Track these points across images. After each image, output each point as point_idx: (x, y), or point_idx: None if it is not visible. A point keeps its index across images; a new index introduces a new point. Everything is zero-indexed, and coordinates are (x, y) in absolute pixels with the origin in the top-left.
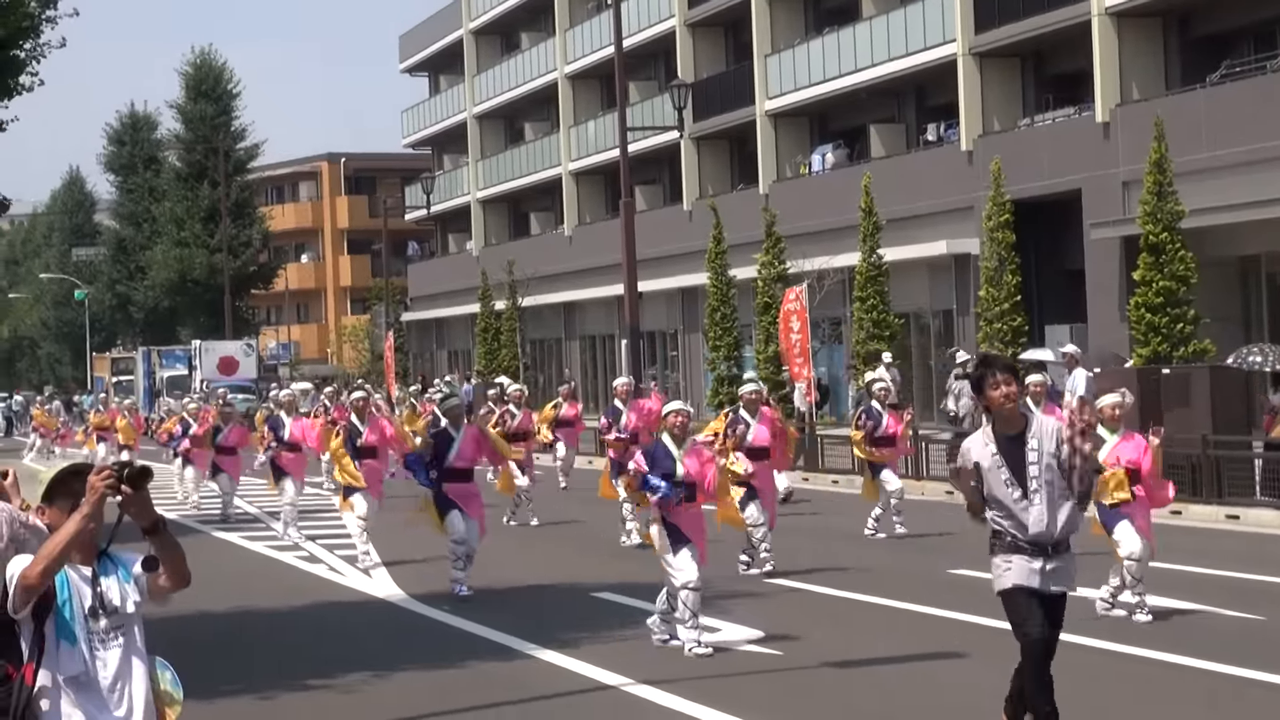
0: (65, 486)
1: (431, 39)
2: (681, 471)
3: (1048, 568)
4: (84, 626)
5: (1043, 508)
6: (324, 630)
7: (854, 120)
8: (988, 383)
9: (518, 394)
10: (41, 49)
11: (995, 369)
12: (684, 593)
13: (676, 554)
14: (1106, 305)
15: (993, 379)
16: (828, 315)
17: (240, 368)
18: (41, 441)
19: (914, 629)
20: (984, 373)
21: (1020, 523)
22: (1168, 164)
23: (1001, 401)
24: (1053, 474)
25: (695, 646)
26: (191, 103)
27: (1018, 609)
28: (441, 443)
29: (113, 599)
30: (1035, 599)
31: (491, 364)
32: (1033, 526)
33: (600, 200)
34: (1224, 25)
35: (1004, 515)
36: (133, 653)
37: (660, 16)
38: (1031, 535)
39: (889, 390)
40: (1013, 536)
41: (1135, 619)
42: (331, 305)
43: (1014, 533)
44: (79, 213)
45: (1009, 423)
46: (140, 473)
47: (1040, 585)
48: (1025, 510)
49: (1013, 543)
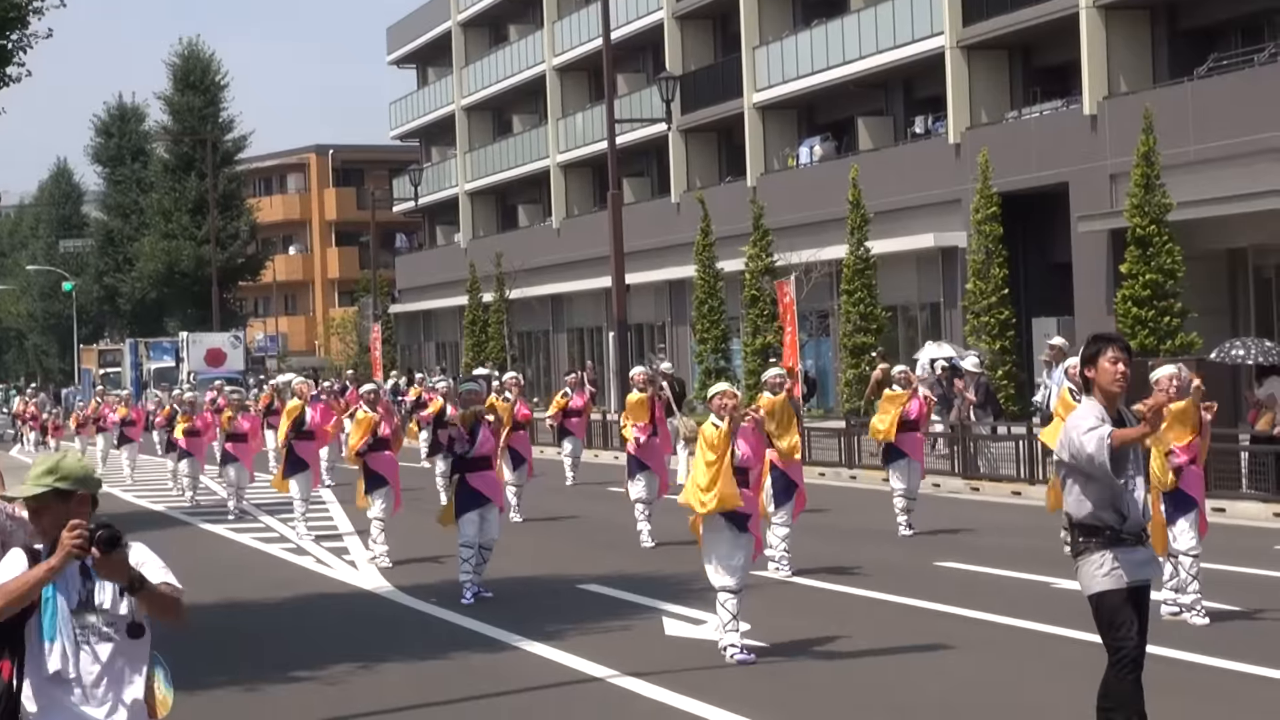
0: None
1: (420, 31)
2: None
3: (1145, 557)
4: (69, 623)
5: (1141, 494)
6: (310, 622)
7: (842, 113)
8: (1105, 356)
9: (514, 382)
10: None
11: (1117, 344)
12: (721, 594)
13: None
14: (1094, 298)
15: (1112, 353)
16: (815, 308)
17: (228, 359)
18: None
19: (900, 621)
20: (1100, 347)
21: (1120, 511)
22: (1155, 157)
23: (1116, 378)
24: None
25: (737, 652)
26: (179, 94)
27: (1116, 614)
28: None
29: (104, 598)
30: (1130, 599)
31: (479, 356)
32: (1133, 513)
33: (588, 192)
34: (1211, 18)
35: (1104, 503)
36: (125, 652)
37: (648, 9)
38: (1131, 523)
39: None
40: (1111, 530)
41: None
42: (319, 297)
43: (1112, 525)
44: (66, 204)
45: (1114, 403)
46: (110, 539)
47: (1148, 576)
48: (1126, 499)
49: (1112, 535)
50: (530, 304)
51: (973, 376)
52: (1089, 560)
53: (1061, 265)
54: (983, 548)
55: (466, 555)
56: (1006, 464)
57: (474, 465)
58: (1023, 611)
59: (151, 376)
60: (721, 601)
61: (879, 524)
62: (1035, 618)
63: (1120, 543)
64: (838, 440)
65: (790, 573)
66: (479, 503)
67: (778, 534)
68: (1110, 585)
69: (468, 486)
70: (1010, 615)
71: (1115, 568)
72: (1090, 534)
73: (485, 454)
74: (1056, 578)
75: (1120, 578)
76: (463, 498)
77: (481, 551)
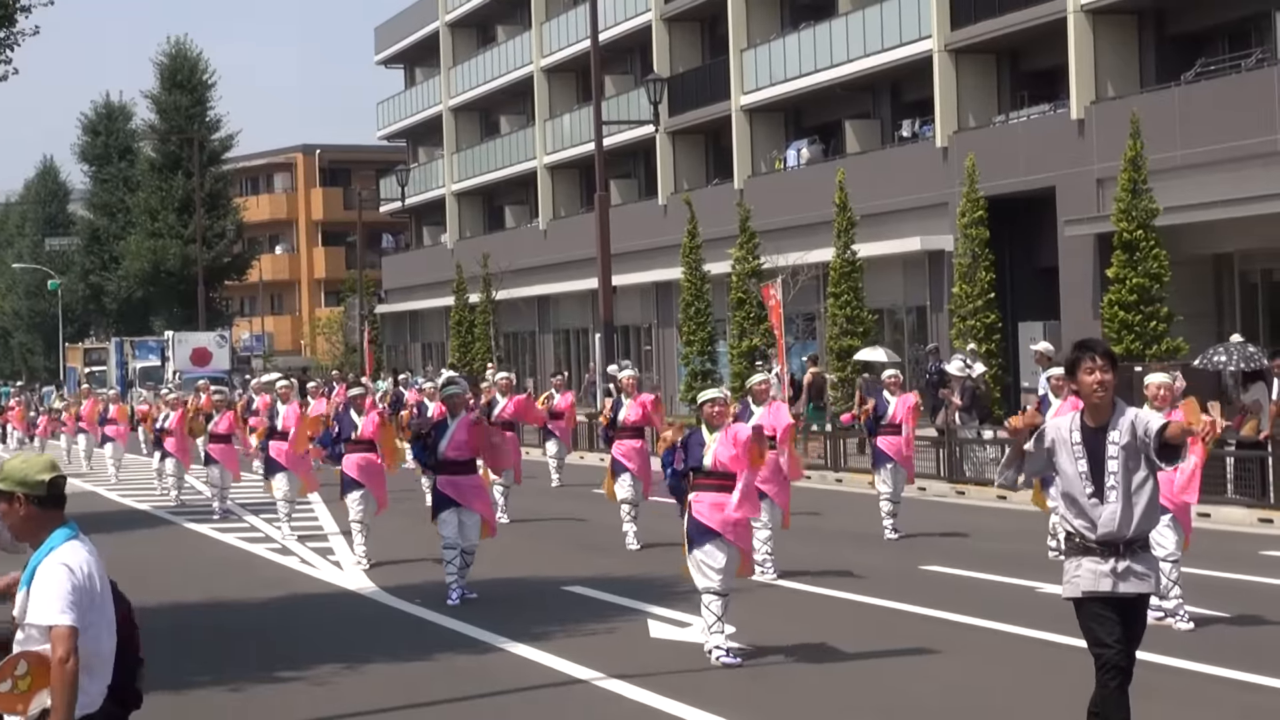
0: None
1: (407, 31)
2: (710, 461)
3: (1119, 567)
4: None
5: (1117, 505)
6: (295, 622)
7: (829, 116)
8: (1082, 366)
9: (504, 382)
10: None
11: (1094, 353)
12: (705, 596)
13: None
14: (1080, 302)
15: (1089, 363)
16: (802, 311)
17: (213, 359)
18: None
19: (885, 625)
20: (1079, 356)
21: (1090, 521)
22: (1142, 161)
23: (1093, 388)
24: (1132, 466)
25: (722, 654)
26: (166, 93)
27: (1088, 619)
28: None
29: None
30: (1109, 607)
31: (465, 357)
32: (1103, 525)
33: (575, 194)
34: (1198, 24)
35: (1074, 513)
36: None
37: (636, 10)
38: (1101, 534)
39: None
40: (1081, 537)
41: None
42: (305, 297)
43: (1083, 532)
44: (53, 203)
45: (1097, 413)
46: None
47: (1111, 588)
48: (1095, 508)
49: (1081, 544)
50: (517, 305)
51: (958, 380)
52: (1065, 566)
53: (1048, 269)
54: (968, 552)
55: (449, 556)
56: (992, 468)
57: (447, 468)
58: (1007, 616)
59: (137, 375)
60: (706, 604)
61: (864, 527)
62: (1019, 622)
63: (1088, 552)
64: (823, 443)
65: (775, 575)
66: (452, 504)
67: (759, 536)
68: (1069, 593)
69: (439, 489)
70: (995, 619)
71: (1075, 577)
72: (1068, 540)
73: (460, 457)
74: (1041, 582)
75: (1076, 586)
76: (438, 499)
77: (463, 555)
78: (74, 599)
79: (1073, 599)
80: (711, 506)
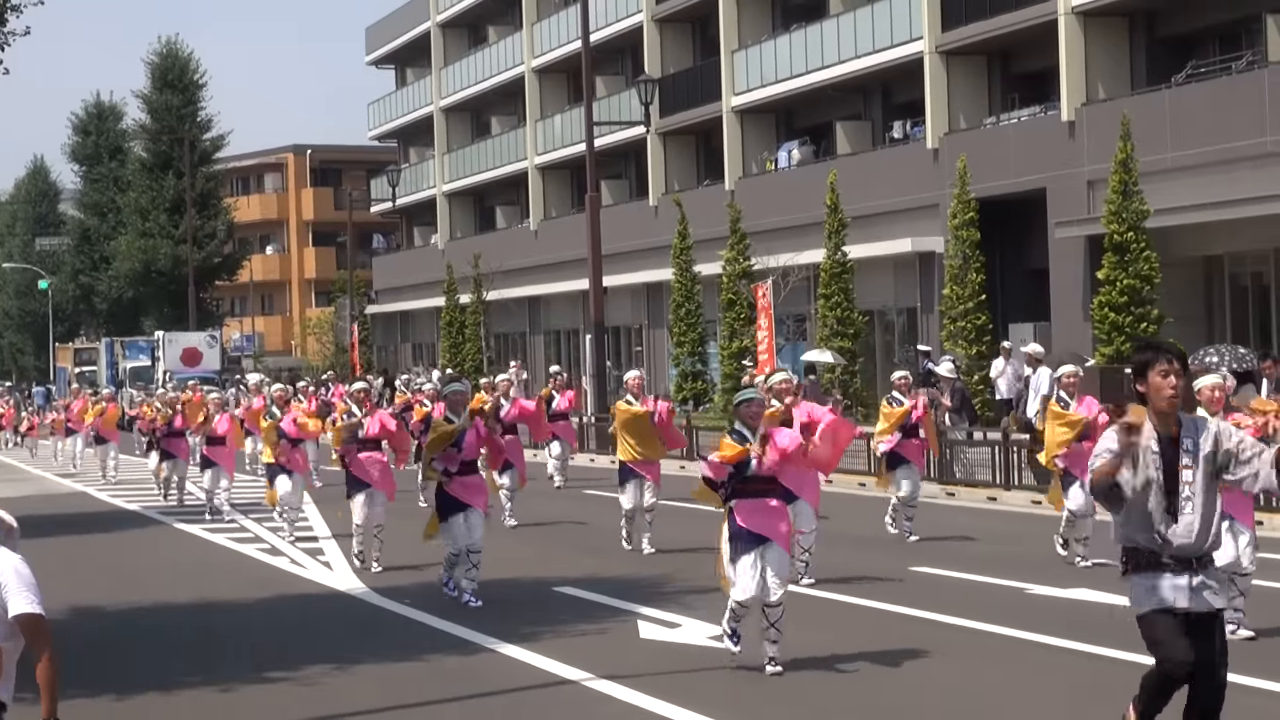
0: None
1: (398, 31)
2: (754, 465)
3: (1194, 583)
4: None
5: (1194, 518)
6: (284, 623)
7: (820, 117)
8: (1156, 369)
9: (507, 384)
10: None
11: (1169, 355)
12: (731, 603)
13: (737, 564)
14: (1070, 304)
15: (1164, 365)
16: (792, 312)
17: (204, 359)
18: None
19: (875, 626)
20: (1153, 358)
21: (1162, 534)
22: (1133, 163)
23: (1168, 394)
24: (1208, 478)
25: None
26: (157, 93)
27: (1157, 634)
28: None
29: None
30: (1179, 622)
31: (456, 357)
32: (1179, 539)
33: (566, 195)
34: (1189, 26)
35: (1143, 527)
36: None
37: (628, 11)
38: (1177, 549)
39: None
40: (1152, 552)
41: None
42: (296, 297)
43: (1152, 548)
44: (43, 202)
45: (1166, 420)
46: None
47: (1189, 604)
48: (1167, 522)
49: (1152, 559)
50: (508, 306)
51: (948, 382)
52: (1131, 580)
53: (1038, 271)
54: (958, 554)
55: (453, 561)
56: (982, 469)
57: (460, 469)
58: (996, 617)
59: (127, 375)
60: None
61: (854, 529)
62: (1008, 623)
63: (1157, 567)
64: None
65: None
66: (461, 507)
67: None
68: (1147, 608)
69: (447, 493)
70: (984, 621)
71: (1138, 592)
72: (1128, 556)
73: (469, 458)
74: (1030, 583)
75: (1139, 601)
76: (446, 502)
77: (470, 556)
78: None
79: (1140, 616)
80: (756, 512)
